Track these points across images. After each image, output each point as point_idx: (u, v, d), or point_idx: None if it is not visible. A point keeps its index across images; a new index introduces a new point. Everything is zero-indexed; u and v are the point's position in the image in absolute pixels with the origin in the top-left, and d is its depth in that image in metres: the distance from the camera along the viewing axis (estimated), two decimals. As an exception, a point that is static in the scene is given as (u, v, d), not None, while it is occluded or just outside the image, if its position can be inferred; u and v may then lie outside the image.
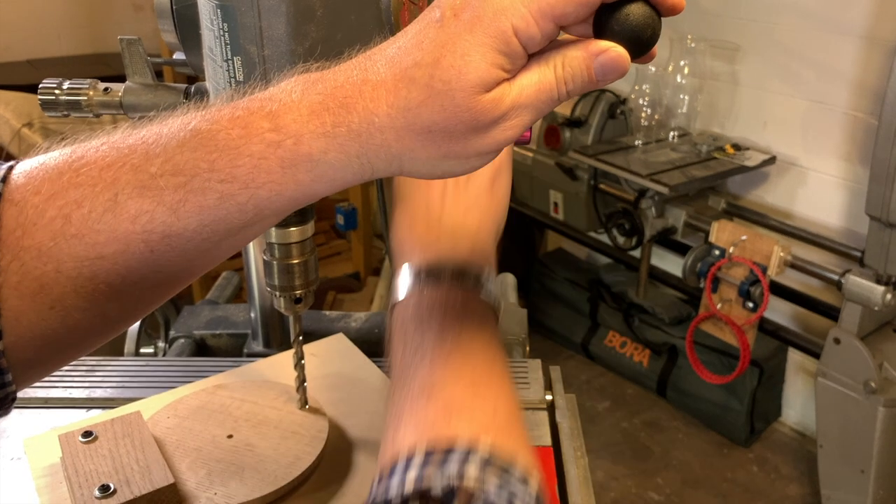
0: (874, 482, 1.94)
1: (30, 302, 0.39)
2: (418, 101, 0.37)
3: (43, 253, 0.39)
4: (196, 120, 0.40)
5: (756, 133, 2.43)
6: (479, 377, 0.46)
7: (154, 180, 0.39)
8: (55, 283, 0.39)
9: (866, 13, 2.08)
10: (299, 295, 0.69)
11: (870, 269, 1.89)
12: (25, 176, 0.40)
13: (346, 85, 0.38)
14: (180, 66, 0.72)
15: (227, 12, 0.53)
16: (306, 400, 0.78)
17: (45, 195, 0.39)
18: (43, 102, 0.77)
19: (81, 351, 0.45)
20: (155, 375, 0.90)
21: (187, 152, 0.39)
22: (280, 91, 0.39)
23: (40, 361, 0.42)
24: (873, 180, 1.81)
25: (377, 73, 0.38)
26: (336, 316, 1.10)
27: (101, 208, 0.39)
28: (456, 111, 0.37)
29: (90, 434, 0.72)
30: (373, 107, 0.37)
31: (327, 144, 0.38)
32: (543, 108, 0.39)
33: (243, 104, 0.39)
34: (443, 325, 0.49)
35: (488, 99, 0.37)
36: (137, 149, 0.40)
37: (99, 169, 0.39)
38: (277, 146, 0.38)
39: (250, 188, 0.39)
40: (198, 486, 0.68)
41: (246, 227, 0.41)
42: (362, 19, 0.59)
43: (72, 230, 0.39)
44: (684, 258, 2.25)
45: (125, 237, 0.39)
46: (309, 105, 0.38)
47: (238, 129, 0.38)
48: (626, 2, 0.37)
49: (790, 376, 2.56)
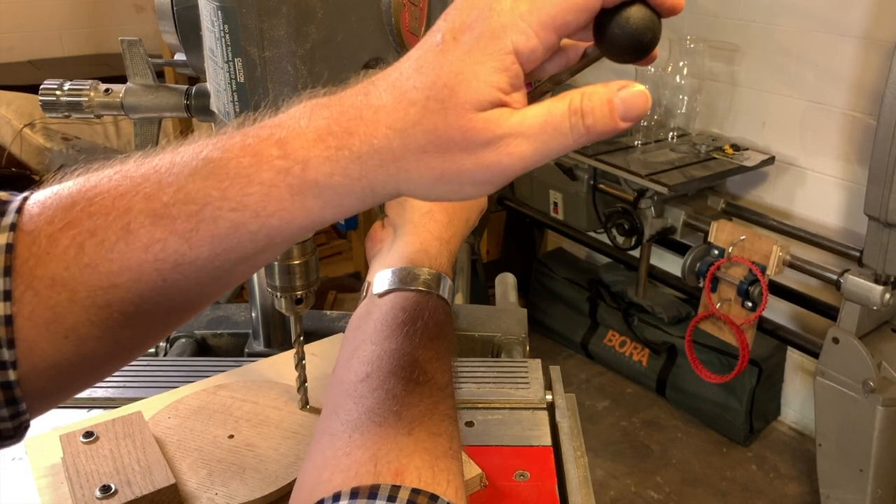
0: (873, 481, 1.94)
1: (44, 331, 0.39)
2: (413, 122, 0.37)
3: (56, 282, 0.39)
4: (208, 148, 0.40)
5: (755, 133, 2.43)
6: (405, 409, 0.46)
7: (166, 209, 0.39)
8: (69, 312, 0.39)
9: (865, 14, 2.08)
10: (300, 295, 0.70)
11: (868, 268, 1.89)
12: (39, 206, 0.40)
13: (350, 110, 0.38)
14: (181, 67, 0.72)
15: (228, 14, 0.54)
16: (307, 400, 0.78)
17: (58, 224, 0.39)
18: (44, 103, 0.77)
19: (96, 379, 0.45)
20: (156, 375, 0.90)
21: (199, 181, 0.39)
22: (288, 118, 0.39)
23: (54, 391, 0.42)
24: (872, 180, 1.81)
25: (379, 98, 0.38)
26: (337, 316, 1.11)
27: (113, 237, 0.39)
28: (447, 129, 0.37)
29: (91, 434, 0.72)
30: (372, 130, 0.38)
31: (332, 168, 0.38)
32: (550, 143, 0.37)
33: (253, 131, 0.40)
34: (383, 335, 0.51)
35: (481, 118, 0.36)
36: (150, 177, 0.40)
37: (112, 198, 0.39)
38: (286, 173, 0.38)
39: (261, 216, 0.39)
40: (199, 486, 0.68)
41: (257, 255, 0.41)
42: (363, 20, 0.59)
43: (85, 259, 0.39)
44: (683, 258, 2.25)
45: (138, 266, 0.39)
46: (315, 130, 0.38)
47: (248, 157, 0.39)
48: (625, 5, 0.37)
49: (789, 376, 2.56)
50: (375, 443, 0.44)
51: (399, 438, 0.44)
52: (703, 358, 2.38)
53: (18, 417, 0.41)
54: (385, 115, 0.38)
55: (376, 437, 0.44)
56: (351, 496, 0.40)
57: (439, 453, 0.45)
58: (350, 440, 0.45)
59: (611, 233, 2.50)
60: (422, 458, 0.44)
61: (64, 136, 2.82)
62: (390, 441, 0.44)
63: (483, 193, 0.39)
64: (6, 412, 0.40)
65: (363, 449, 0.44)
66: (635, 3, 0.37)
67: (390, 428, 0.45)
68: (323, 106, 0.39)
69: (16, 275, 0.39)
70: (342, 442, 0.45)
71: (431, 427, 0.46)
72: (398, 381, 0.48)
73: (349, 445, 0.44)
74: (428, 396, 0.48)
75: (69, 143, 2.82)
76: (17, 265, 0.39)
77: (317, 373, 0.86)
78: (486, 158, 0.37)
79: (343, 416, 0.47)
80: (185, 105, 0.75)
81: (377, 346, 0.51)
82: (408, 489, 0.41)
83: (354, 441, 0.45)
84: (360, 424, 0.46)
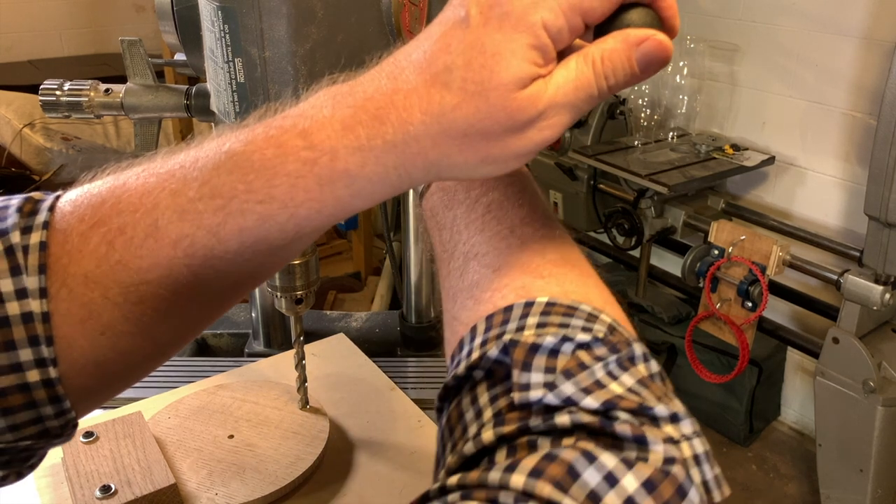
0: (873, 481, 1.94)
1: (80, 328, 0.39)
2: (452, 106, 0.36)
3: (89, 280, 0.39)
4: (231, 141, 0.40)
5: (755, 133, 2.43)
6: (517, 228, 0.43)
7: (193, 204, 0.39)
8: (103, 309, 0.39)
9: (864, 14, 2.08)
10: (300, 295, 0.70)
11: (868, 268, 1.89)
12: (71, 204, 0.41)
13: (377, 96, 0.37)
14: (181, 67, 0.72)
15: (228, 14, 0.54)
16: (307, 400, 0.78)
17: (88, 222, 0.40)
18: (44, 104, 0.77)
19: (136, 376, 0.45)
20: (156, 375, 0.90)
21: (224, 174, 0.39)
22: (310, 107, 0.39)
23: (96, 389, 0.42)
24: (872, 180, 1.81)
25: (407, 81, 0.37)
26: (337, 316, 1.11)
27: (142, 234, 0.39)
28: (491, 111, 0.36)
29: (91, 434, 0.72)
30: (406, 116, 0.37)
31: (364, 158, 0.37)
32: (582, 107, 0.37)
33: (276, 123, 0.39)
34: (468, 194, 0.47)
35: (524, 97, 0.36)
36: (175, 173, 0.40)
37: (139, 195, 0.40)
38: (314, 164, 0.38)
39: (289, 207, 0.38)
40: (199, 486, 0.68)
41: (287, 246, 0.41)
42: (363, 21, 0.59)
43: (115, 256, 0.39)
44: (683, 258, 2.25)
45: (168, 262, 0.39)
46: (341, 120, 0.37)
47: (273, 149, 0.38)
48: (628, 7, 0.37)
49: (789, 376, 2.56)
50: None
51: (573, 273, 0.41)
52: (703, 358, 2.38)
53: (64, 416, 0.41)
54: (418, 100, 0.36)
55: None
56: (547, 305, 0.37)
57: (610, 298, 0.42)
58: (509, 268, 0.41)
59: (611, 233, 2.50)
60: (601, 294, 0.41)
61: (64, 136, 2.82)
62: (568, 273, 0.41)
63: (522, 163, 0.39)
64: (51, 410, 0.40)
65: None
66: (638, 6, 0.37)
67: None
68: (346, 94, 0.38)
69: (50, 272, 0.39)
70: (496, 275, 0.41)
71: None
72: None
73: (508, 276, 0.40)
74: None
75: (69, 143, 2.82)
76: (51, 263, 0.39)
77: (317, 373, 0.86)
78: (530, 134, 0.37)
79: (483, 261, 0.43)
80: (185, 105, 0.75)
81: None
82: (606, 321, 0.37)
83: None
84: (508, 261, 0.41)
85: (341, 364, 0.90)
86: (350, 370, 0.89)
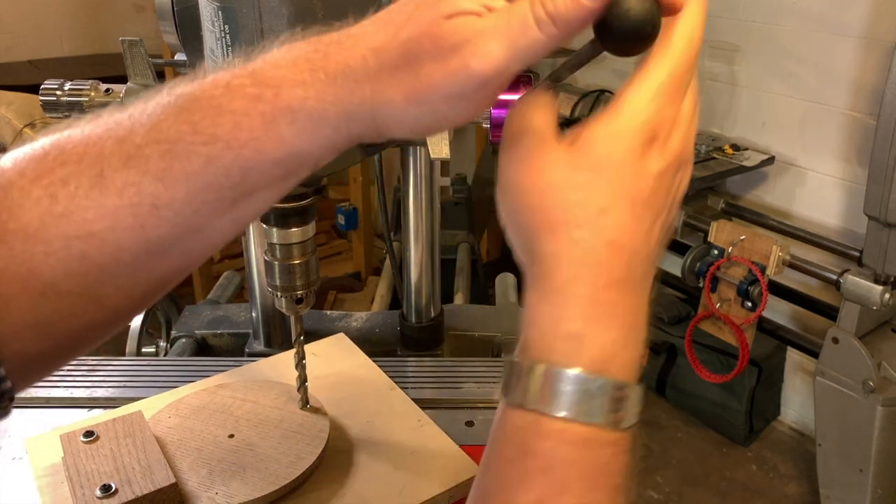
0: (873, 481, 1.94)
1: (19, 287, 0.38)
2: (391, 37, 0.38)
3: (30, 235, 0.38)
4: (181, 86, 0.40)
5: (755, 133, 2.44)
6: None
7: (139, 150, 0.38)
8: (44, 265, 0.38)
9: (864, 14, 2.08)
10: (300, 295, 0.70)
11: (868, 268, 1.89)
12: (12, 160, 0.40)
13: (330, 41, 0.39)
14: (181, 67, 0.72)
15: (229, 14, 0.54)
16: (307, 399, 0.78)
17: (30, 177, 0.38)
18: (44, 103, 0.77)
19: (81, 344, 0.43)
20: (156, 375, 0.91)
21: (171, 118, 0.39)
22: (264, 52, 0.40)
23: (38, 355, 0.40)
24: (871, 180, 1.81)
25: (361, 27, 0.39)
26: (337, 315, 1.11)
27: (87, 184, 0.38)
28: (419, 38, 0.37)
29: (92, 434, 0.72)
30: (351, 53, 0.38)
31: (305, 92, 0.38)
32: (519, 40, 0.36)
33: (228, 67, 0.40)
34: None
35: (451, 23, 0.37)
36: (123, 122, 0.39)
37: (84, 145, 0.39)
38: (258, 100, 0.38)
39: (233, 148, 0.38)
40: (199, 485, 0.68)
41: (236, 201, 0.40)
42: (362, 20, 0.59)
43: (59, 209, 0.38)
44: (683, 258, 2.25)
45: (113, 212, 0.38)
46: (292, 59, 0.39)
47: (220, 89, 0.39)
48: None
49: (789, 375, 2.56)
50: None
51: None
52: (703, 358, 2.38)
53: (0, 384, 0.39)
54: (366, 39, 0.38)
55: None
56: None
57: None
58: None
59: (611, 233, 2.50)
60: None
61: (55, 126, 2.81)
62: None
63: (459, 113, 0.39)
64: None
65: None
66: None
67: None
68: (303, 42, 0.40)
69: None
70: None
71: None
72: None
73: None
74: None
75: (69, 143, 2.81)
76: None
77: (317, 373, 0.86)
78: (453, 64, 0.37)
79: None
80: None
81: None
82: None
83: None
84: None
85: (341, 364, 0.90)
86: (350, 370, 0.89)
